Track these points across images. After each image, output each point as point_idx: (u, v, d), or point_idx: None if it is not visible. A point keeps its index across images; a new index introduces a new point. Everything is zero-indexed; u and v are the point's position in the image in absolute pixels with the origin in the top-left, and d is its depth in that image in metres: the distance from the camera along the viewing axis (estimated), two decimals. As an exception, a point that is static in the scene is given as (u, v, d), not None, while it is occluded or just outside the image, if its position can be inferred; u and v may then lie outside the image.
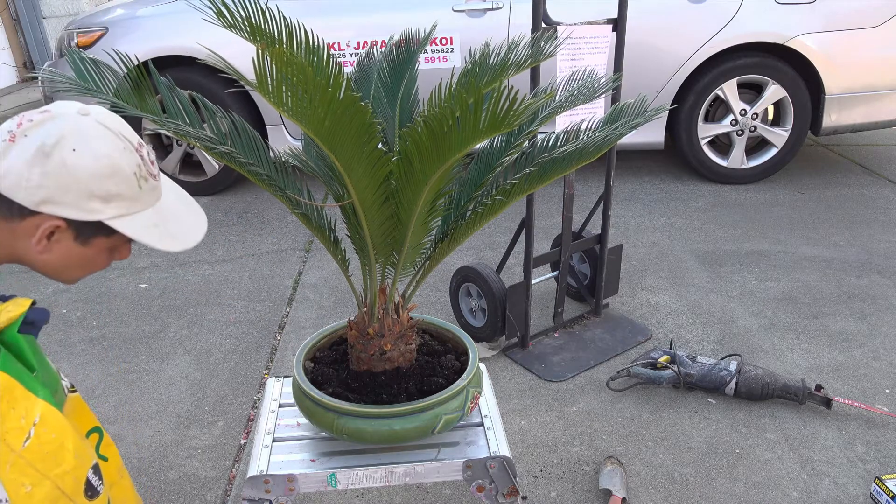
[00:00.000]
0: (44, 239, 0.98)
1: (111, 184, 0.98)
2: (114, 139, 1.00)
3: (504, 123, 1.03)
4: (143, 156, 1.04)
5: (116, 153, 0.99)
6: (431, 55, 3.92)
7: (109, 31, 3.98)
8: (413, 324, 1.52)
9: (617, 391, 2.35)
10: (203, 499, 1.95)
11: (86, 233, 1.01)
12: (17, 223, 0.97)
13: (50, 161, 0.94)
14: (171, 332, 2.79)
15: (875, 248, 3.35)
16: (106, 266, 1.09)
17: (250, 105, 4.05)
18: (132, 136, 1.04)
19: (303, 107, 1.05)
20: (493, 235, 3.60)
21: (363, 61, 1.68)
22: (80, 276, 1.08)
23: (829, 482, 1.95)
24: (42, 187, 0.94)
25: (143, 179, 1.03)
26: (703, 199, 4.02)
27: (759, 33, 3.83)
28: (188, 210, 1.14)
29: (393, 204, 1.30)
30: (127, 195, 1.01)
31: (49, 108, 0.99)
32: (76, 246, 1.02)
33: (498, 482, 1.43)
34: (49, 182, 0.94)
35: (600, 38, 2.31)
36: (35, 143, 0.94)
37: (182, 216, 1.12)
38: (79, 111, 0.99)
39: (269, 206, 4.10)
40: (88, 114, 1.00)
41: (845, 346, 2.58)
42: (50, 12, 8.58)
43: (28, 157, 0.94)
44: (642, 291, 3.00)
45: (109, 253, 1.07)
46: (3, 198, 0.95)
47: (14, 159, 0.94)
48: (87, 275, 1.09)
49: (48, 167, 0.94)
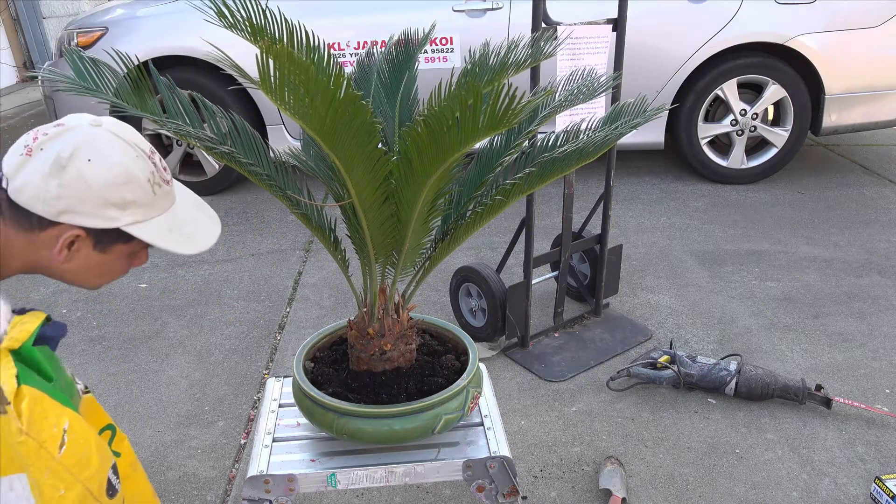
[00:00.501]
0: (65, 249, 1.01)
1: (126, 191, 1.01)
2: (126, 148, 1.02)
3: (503, 122, 1.03)
4: (155, 163, 1.07)
5: (130, 161, 1.02)
6: (431, 55, 3.92)
7: (109, 31, 3.98)
8: (413, 324, 1.51)
9: (617, 391, 2.35)
10: (203, 499, 1.95)
11: (105, 240, 1.04)
12: (37, 234, 0.99)
13: (66, 173, 0.97)
14: (171, 332, 2.79)
15: (875, 248, 3.35)
16: (125, 272, 1.12)
17: (250, 105, 4.05)
18: (144, 144, 1.06)
19: (304, 105, 1.05)
20: (493, 235, 3.60)
21: (363, 61, 1.68)
22: (102, 282, 1.11)
23: (829, 482, 1.95)
24: (60, 198, 0.97)
25: (157, 185, 1.06)
26: (703, 199, 4.02)
27: (759, 33, 3.83)
28: (202, 212, 1.17)
29: (393, 204, 1.30)
30: (142, 202, 1.04)
31: (63, 121, 1.02)
32: (96, 254, 1.04)
33: (498, 482, 1.43)
34: (67, 193, 0.97)
35: (600, 38, 2.31)
36: (51, 155, 0.97)
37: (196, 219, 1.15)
38: (91, 123, 1.02)
39: (269, 206, 4.10)
40: (101, 125, 1.02)
41: (845, 346, 2.58)
42: (50, 12, 8.58)
43: (45, 169, 0.96)
44: (642, 291, 3.00)
45: (128, 259, 1.10)
46: (22, 210, 0.98)
47: (31, 172, 0.97)
48: (109, 281, 1.12)
49: (65, 178, 0.97)
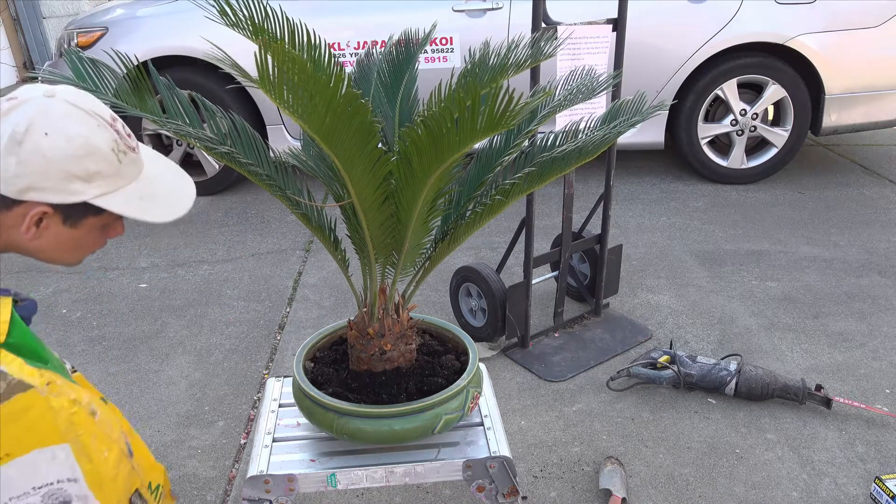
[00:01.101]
0: (32, 226, 0.97)
1: (90, 162, 0.97)
2: (85, 117, 0.97)
3: (501, 123, 1.03)
4: (118, 130, 1.01)
5: (90, 131, 0.97)
6: (431, 55, 3.92)
7: (109, 31, 3.98)
8: (413, 324, 1.51)
9: (617, 391, 2.35)
10: (203, 499, 1.95)
11: (74, 215, 0.99)
12: (4, 214, 0.96)
13: (23, 149, 0.93)
14: (171, 332, 2.79)
15: (875, 248, 3.35)
16: (102, 245, 1.08)
17: (250, 105, 4.05)
18: (104, 111, 1.01)
19: (303, 104, 1.05)
20: (493, 235, 3.60)
21: (363, 61, 1.68)
22: (78, 258, 1.07)
23: (829, 482, 1.95)
24: (20, 176, 0.93)
25: (122, 153, 1.01)
26: (703, 199, 4.02)
27: (759, 33, 3.83)
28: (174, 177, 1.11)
29: (393, 204, 1.30)
30: (107, 172, 0.99)
31: (15, 94, 0.97)
32: (66, 229, 1.00)
33: (498, 482, 1.43)
34: (26, 170, 0.93)
35: (600, 38, 2.31)
36: (6, 132, 0.93)
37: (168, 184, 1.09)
38: (45, 93, 0.96)
39: (269, 206, 4.10)
40: (55, 95, 0.97)
41: (845, 346, 2.58)
42: (50, 12, 8.57)
43: (1, 147, 0.92)
44: (642, 291, 3.00)
45: (102, 231, 1.06)
46: None
47: None
48: (85, 256, 1.07)
49: (23, 155, 0.93)
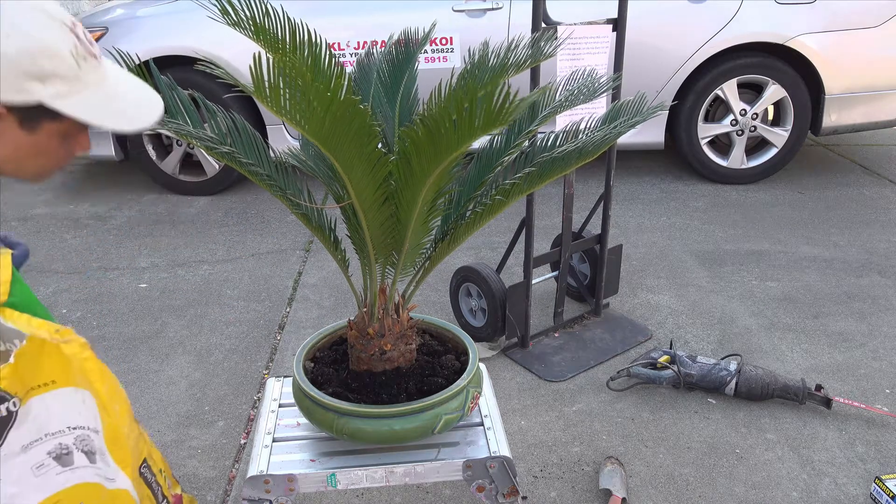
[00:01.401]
0: None
1: (46, 62, 0.95)
2: (44, 18, 0.97)
3: (498, 120, 1.03)
4: (78, 35, 1.01)
5: (47, 32, 0.96)
6: (431, 55, 3.92)
7: (109, 31, 3.98)
8: (413, 324, 1.52)
9: (617, 391, 2.35)
10: (203, 499, 1.95)
11: (31, 117, 0.98)
12: None
13: None
14: (171, 332, 2.79)
15: (875, 248, 3.35)
16: (67, 157, 1.06)
17: (250, 105, 4.05)
18: (64, 15, 1.01)
19: (301, 110, 1.05)
20: (493, 235, 3.60)
21: (363, 61, 1.68)
22: (39, 169, 1.05)
23: (829, 482, 1.95)
24: None
25: (82, 59, 1.00)
26: (703, 199, 4.02)
27: (759, 33, 3.83)
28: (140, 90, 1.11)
29: (393, 204, 1.30)
30: (65, 74, 0.98)
31: None
32: (24, 134, 0.99)
33: (498, 482, 1.43)
34: None
35: (600, 39, 2.31)
36: None
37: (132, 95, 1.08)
38: None
39: (269, 206, 4.10)
40: None
41: (845, 346, 2.58)
42: (50, 12, 8.56)
43: None
44: (642, 291, 3.00)
45: (63, 140, 1.04)
46: None
47: None
48: (49, 168, 1.06)
49: None
